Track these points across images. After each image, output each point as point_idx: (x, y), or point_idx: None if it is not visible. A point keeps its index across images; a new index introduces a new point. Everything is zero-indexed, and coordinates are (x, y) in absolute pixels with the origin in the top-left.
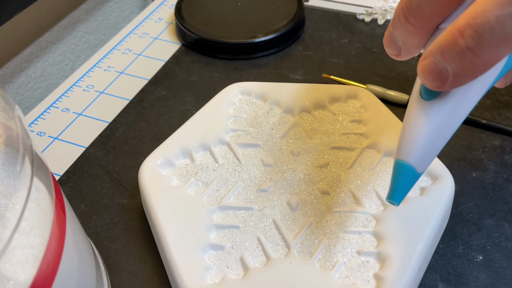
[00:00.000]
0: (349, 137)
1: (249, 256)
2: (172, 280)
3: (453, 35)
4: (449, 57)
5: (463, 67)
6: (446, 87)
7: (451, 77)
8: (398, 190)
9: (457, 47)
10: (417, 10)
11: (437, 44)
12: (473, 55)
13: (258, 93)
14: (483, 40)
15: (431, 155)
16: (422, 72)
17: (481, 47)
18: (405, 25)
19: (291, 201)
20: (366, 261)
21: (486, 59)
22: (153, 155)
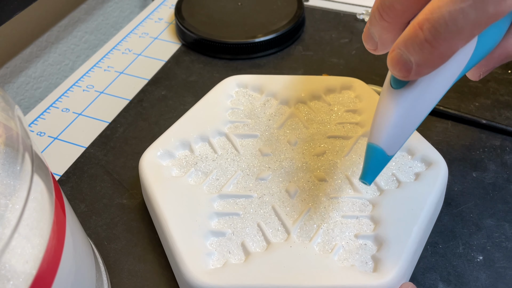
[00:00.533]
0: (345, 126)
1: (250, 242)
2: (174, 267)
3: (414, 29)
4: (411, 49)
5: (424, 58)
6: (411, 77)
7: (414, 67)
8: (370, 170)
9: (417, 39)
10: (390, 8)
11: (402, 38)
12: (431, 46)
13: (254, 86)
14: (439, 33)
15: (400, 139)
16: (390, 63)
17: (437, 39)
18: (380, 22)
19: (289, 188)
20: (364, 244)
21: (443, 50)
22: (153, 147)
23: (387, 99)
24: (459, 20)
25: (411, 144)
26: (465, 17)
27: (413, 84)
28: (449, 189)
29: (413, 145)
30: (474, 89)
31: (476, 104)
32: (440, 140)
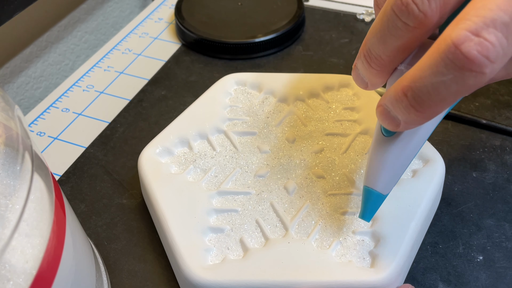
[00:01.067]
0: (343, 123)
1: (248, 238)
2: (174, 263)
3: (399, 94)
4: (398, 110)
5: (410, 118)
6: (400, 129)
7: (402, 123)
8: (368, 210)
9: (403, 103)
10: (377, 58)
11: (388, 97)
12: (416, 111)
13: (253, 83)
14: (422, 101)
15: (393, 180)
16: (379, 117)
17: (422, 106)
18: (369, 69)
19: (287, 185)
20: (361, 240)
21: (428, 114)
22: (151, 144)
23: (379, 145)
24: (441, 91)
25: None
26: (447, 88)
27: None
28: (449, 189)
29: None
30: None
31: (476, 104)
32: (440, 140)
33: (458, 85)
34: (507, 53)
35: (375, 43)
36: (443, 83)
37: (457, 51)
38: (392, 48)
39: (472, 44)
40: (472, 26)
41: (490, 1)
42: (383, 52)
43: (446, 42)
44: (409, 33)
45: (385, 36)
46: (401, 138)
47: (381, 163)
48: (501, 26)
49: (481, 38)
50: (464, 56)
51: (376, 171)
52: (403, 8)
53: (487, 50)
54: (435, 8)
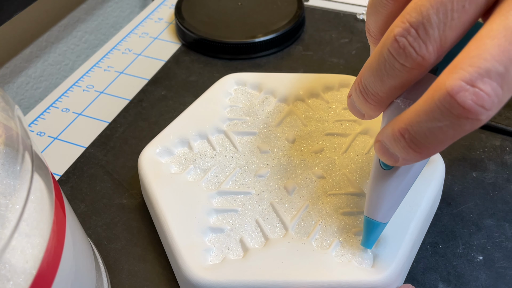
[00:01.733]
0: (343, 123)
1: (248, 238)
2: (173, 263)
3: (396, 134)
4: (396, 149)
5: (409, 157)
6: (399, 165)
7: (401, 160)
8: (370, 239)
9: (401, 144)
10: (374, 95)
11: (386, 135)
12: (414, 151)
13: (253, 83)
14: (420, 143)
15: (392, 210)
16: (377, 152)
17: (420, 147)
18: (365, 103)
19: (287, 185)
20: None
21: (427, 153)
22: (151, 144)
23: (378, 178)
24: (437, 135)
25: None
26: (443, 133)
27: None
28: (449, 189)
29: None
30: None
31: None
32: None
33: (454, 131)
34: (502, 100)
35: (372, 81)
36: (440, 128)
37: (453, 100)
38: (390, 86)
39: (468, 94)
40: (467, 76)
41: (484, 51)
42: (380, 89)
43: (441, 91)
44: (407, 73)
45: (382, 75)
46: (400, 172)
47: (380, 195)
48: (495, 76)
49: (476, 89)
50: (460, 106)
51: (376, 203)
52: (400, 51)
53: (482, 100)
54: (432, 51)
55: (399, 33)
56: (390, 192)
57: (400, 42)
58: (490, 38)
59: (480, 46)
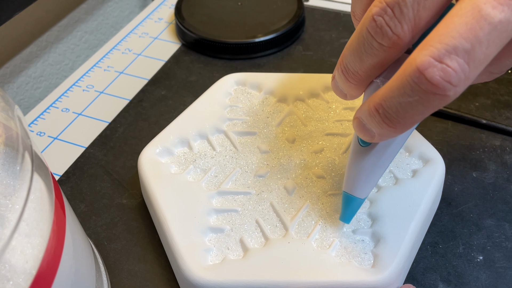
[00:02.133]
0: (343, 123)
1: (248, 238)
2: (173, 263)
3: (372, 110)
4: (372, 124)
5: (383, 132)
6: (375, 141)
7: (377, 136)
8: (347, 213)
9: (376, 119)
10: (354, 74)
11: (363, 111)
12: (388, 126)
13: (253, 83)
14: (393, 118)
15: (369, 186)
16: (355, 129)
17: (393, 122)
18: (347, 82)
19: (287, 185)
20: (361, 240)
21: (399, 129)
22: (151, 144)
23: (356, 155)
24: (408, 110)
25: (408, 142)
26: (413, 108)
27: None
28: (449, 189)
29: (411, 143)
30: (474, 89)
31: (476, 104)
32: (440, 140)
33: (423, 106)
34: (469, 77)
35: (352, 60)
36: (410, 103)
37: (422, 76)
38: (368, 65)
39: (435, 70)
40: (435, 52)
41: (452, 29)
42: (359, 68)
43: (411, 67)
44: (384, 52)
45: (361, 54)
46: (377, 149)
47: (358, 171)
48: (462, 53)
49: (443, 65)
50: (428, 81)
51: (354, 179)
52: (377, 30)
53: (449, 76)
54: (407, 30)
55: (377, 13)
56: (367, 169)
57: (377, 21)
58: (458, 16)
59: (449, 24)
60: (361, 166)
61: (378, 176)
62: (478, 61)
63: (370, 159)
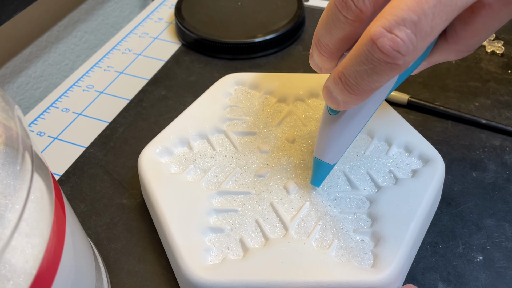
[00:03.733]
0: None
1: (248, 238)
2: (174, 263)
3: (335, 78)
4: (336, 92)
5: (346, 99)
6: (341, 108)
7: (341, 103)
8: (317, 177)
9: (339, 86)
10: (325, 46)
11: (330, 80)
12: (349, 93)
13: (253, 83)
14: (352, 85)
15: (337, 152)
16: (324, 96)
17: (352, 89)
18: (320, 55)
19: (287, 185)
20: (361, 240)
21: (360, 96)
22: (151, 144)
23: (326, 123)
24: (364, 78)
25: (408, 142)
26: (368, 76)
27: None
28: (449, 189)
29: (411, 143)
30: (474, 89)
31: (476, 104)
32: (440, 140)
33: (377, 74)
34: (417, 47)
35: (323, 33)
36: (365, 71)
37: (374, 45)
38: (337, 38)
39: (386, 40)
40: (386, 23)
41: (402, 2)
42: (329, 41)
43: (366, 37)
44: (349, 25)
45: (331, 27)
46: (343, 118)
47: (327, 138)
48: (410, 24)
49: (393, 35)
50: (380, 50)
51: (323, 145)
52: (343, 4)
53: (398, 45)
54: (369, 4)
55: None
56: (335, 136)
57: None
58: None
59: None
60: (329, 133)
61: (345, 144)
62: (424, 32)
63: (337, 127)
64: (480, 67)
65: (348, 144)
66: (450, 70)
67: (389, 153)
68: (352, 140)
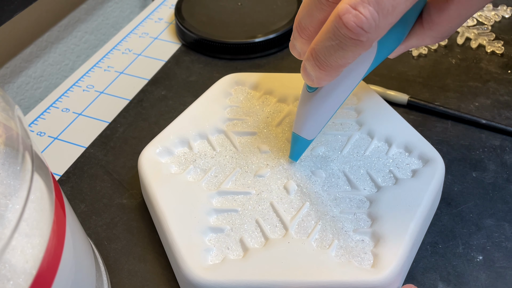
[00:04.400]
0: (343, 123)
1: (248, 238)
2: (174, 263)
3: (308, 54)
4: (309, 68)
5: (318, 75)
6: (315, 85)
7: (315, 79)
8: (295, 152)
9: (311, 62)
10: (305, 29)
11: (305, 57)
12: (320, 68)
13: (252, 83)
14: (322, 60)
15: (314, 128)
16: (301, 73)
17: (322, 65)
18: (299, 38)
19: (287, 185)
20: (361, 240)
21: (329, 72)
22: (152, 144)
23: (304, 100)
24: (332, 53)
25: (408, 142)
26: (335, 52)
27: (322, 88)
28: (449, 189)
29: (411, 143)
30: (474, 89)
31: (476, 104)
32: (440, 140)
33: (343, 50)
34: (379, 26)
35: (304, 16)
36: (332, 47)
37: (340, 21)
38: (317, 20)
39: (351, 16)
40: (352, 1)
41: None
42: (310, 23)
43: (334, 14)
44: (329, 7)
45: (312, 9)
46: (320, 95)
47: (305, 114)
48: (373, 2)
49: (357, 12)
50: (345, 26)
51: (301, 121)
52: None
53: (361, 22)
54: None
55: None
56: (312, 112)
57: None
58: None
59: None
60: (307, 109)
61: (322, 120)
62: (386, 11)
63: (314, 104)
64: (480, 67)
65: (324, 121)
66: (450, 70)
67: (389, 153)
68: (328, 117)
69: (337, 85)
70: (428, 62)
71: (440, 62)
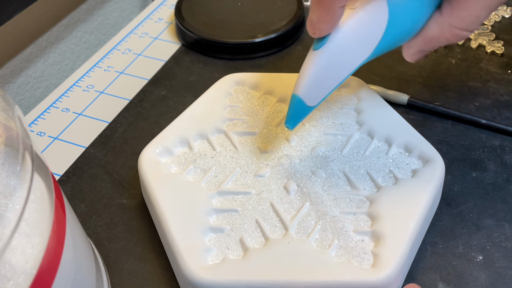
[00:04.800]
0: (342, 123)
1: (248, 238)
2: (174, 263)
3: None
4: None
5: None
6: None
7: (315, 23)
8: (292, 117)
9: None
10: None
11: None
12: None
13: (253, 83)
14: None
15: (317, 92)
16: (307, 26)
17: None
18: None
19: (287, 185)
20: (361, 240)
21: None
22: (151, 144)
23: (308, 59)
24: None
25: (408, 142)
26: None
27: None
28: (449, 189)
29: (411, 142)
30: (474, 89)
31: (476, 104)
32: (440, 140)
33: None
34: None
35: None
36: None
37: None
38: None
39: None
40: None
41: None
42: None
43: None
44: None
45: None
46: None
47: (307, 73)
48: None
49: None
50: None
51: (303, 80)
52: None
53: None
54: None
55: None
56: (315, 71)
57: None
58: None
59: None
60: (311, 69)
61: (327, 84)
62: None
63: (320, 63)
64: (480, 67)
65: (329, 86)
66: (450, 70)
67: (389, 153)
68: (333, 82)
69: (344, 49)
70: (428, 62)
71: (440, 62)
